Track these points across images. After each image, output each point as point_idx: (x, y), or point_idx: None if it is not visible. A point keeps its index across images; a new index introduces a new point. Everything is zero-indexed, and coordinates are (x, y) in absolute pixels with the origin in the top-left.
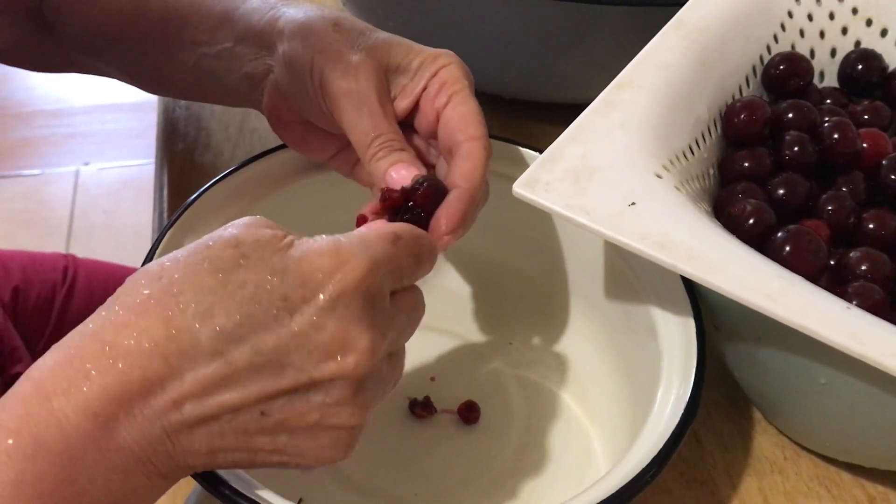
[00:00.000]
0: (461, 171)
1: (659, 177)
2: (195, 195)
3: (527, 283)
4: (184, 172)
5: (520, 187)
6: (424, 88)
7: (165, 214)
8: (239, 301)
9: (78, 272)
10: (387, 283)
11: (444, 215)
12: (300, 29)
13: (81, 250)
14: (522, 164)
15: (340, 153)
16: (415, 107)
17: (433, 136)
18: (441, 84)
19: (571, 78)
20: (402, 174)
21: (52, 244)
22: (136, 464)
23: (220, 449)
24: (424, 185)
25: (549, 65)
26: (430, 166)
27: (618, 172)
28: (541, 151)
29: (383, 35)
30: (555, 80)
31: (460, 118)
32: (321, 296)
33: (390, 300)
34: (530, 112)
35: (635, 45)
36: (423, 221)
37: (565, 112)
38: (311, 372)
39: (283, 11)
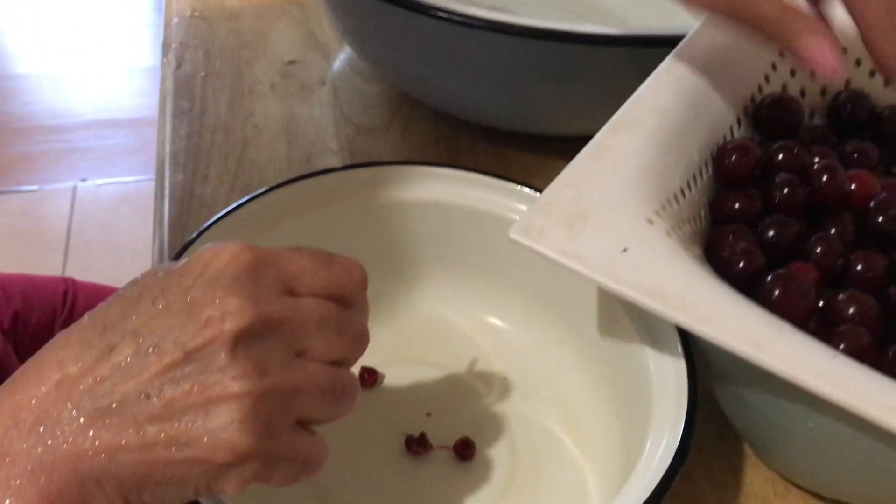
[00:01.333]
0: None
1: (651, 222)
2: (194, 234)
3: (522, 314)
4: (183, 204)
5: (515, 233)
6: None
7: (166, 246)
8: (126, 300)
9: (77, 296)
10: (275, 270)
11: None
12: None
13: (79, 266)
14: (516, 201)
15: None
16: None
17: None
18: None
19: (567, 112)
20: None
21: (49, 260)
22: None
23: (117, 448)
24: None
25: (543, 100)
26: None
27: (611, 218)
28: (535, 188)
29: None
30: (550, 114)
31: None
32: (198, 279)
33: (293, 297)
34: (527, 143)
35: (628, 80)
36: None
37: (563, 143)
38: (186, 343)
39: None
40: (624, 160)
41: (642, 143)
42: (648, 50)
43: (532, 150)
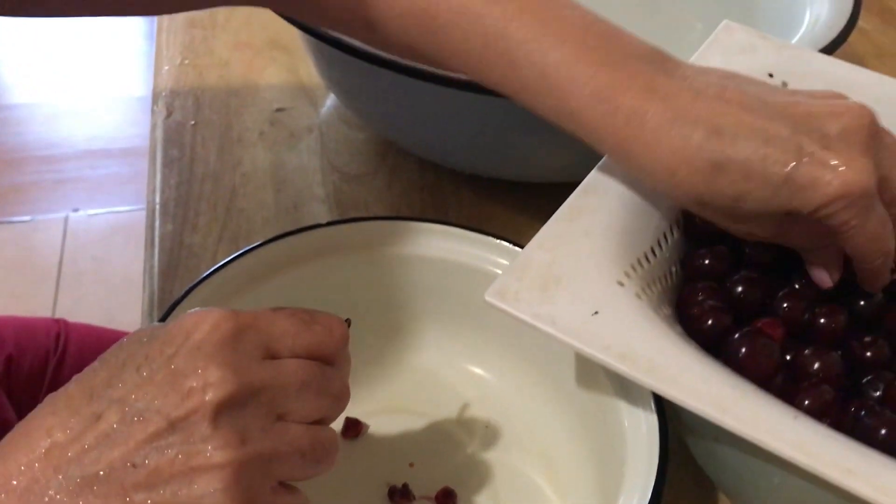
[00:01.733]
0: None
1: (621, 284)
2: (182, 293)
3: (506, 367)
4: (173, 253)
5: (491, 296)
6: None
7: (156, 297)
8: (111, 367)
9: (69, 338)
10: (256, 335)
11: None
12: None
13: (70, 297)
14: (497, 254)
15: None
16: None
17: None
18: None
19: (545, 162)
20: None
21: (41, 291)
22: None
23: None
24: None
25: (522, 151)
26: None
27: (583, 281)
28: (514, 242)
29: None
30: (530, 163)
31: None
32: (180, 348)
33: (274, 360)
34: (510, 190)
35: None
36: None
37: (545, 189)
38: (170, 413)
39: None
40: (595, 222)
41: (613, 205)
42: None
43: (514, 196)
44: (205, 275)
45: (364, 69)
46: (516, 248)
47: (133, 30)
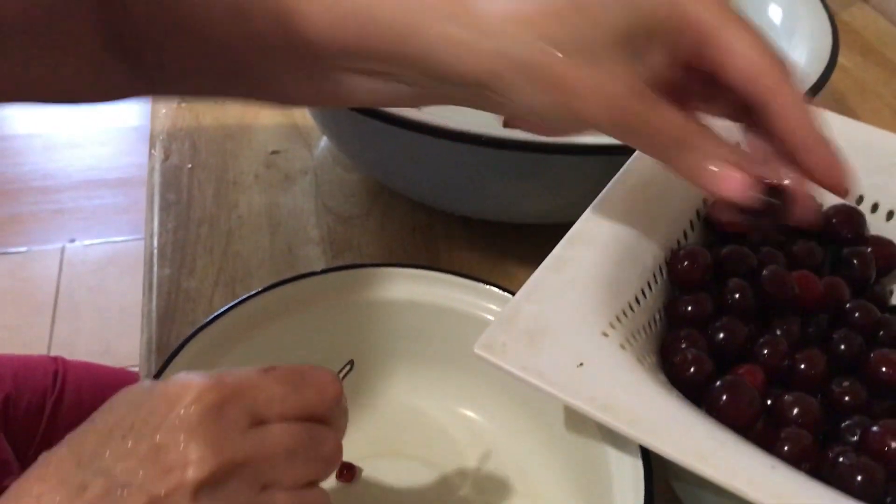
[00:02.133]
0: (796, 143)
1: (606, 335)
2: (179, 344)
3: (495, 409)
4: (171, 297)
5: (480, 349)
6: (683, 46)
7: (154, 341)
8: (100, 433)
9: (67, 377)
10: (241, 404)
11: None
12: (515, 68)
13: (66, 329)
14: (486, 300)
15: None
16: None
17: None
18: (705, 32)
19: (535, 206)
20: (738, 178)
21: (37, 322)
22: None
23: None
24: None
25: (511, 196)
26: None
27: (568, 332)
28: (503, 288)
29: (605, 17)
30: (520, 207)
31: (745, 65)
32: (163, 420)
33: (260, 428)
34: (501, 231)
35: (591, 179)
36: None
37: (536, 231)
38: (151, 489)
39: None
40: (581, 273)
41: (599, 255)
42: (603, 157)
43: (505, 237)
44: (201, 325)
45: (353, 117)
46: (505, 294)
47: None
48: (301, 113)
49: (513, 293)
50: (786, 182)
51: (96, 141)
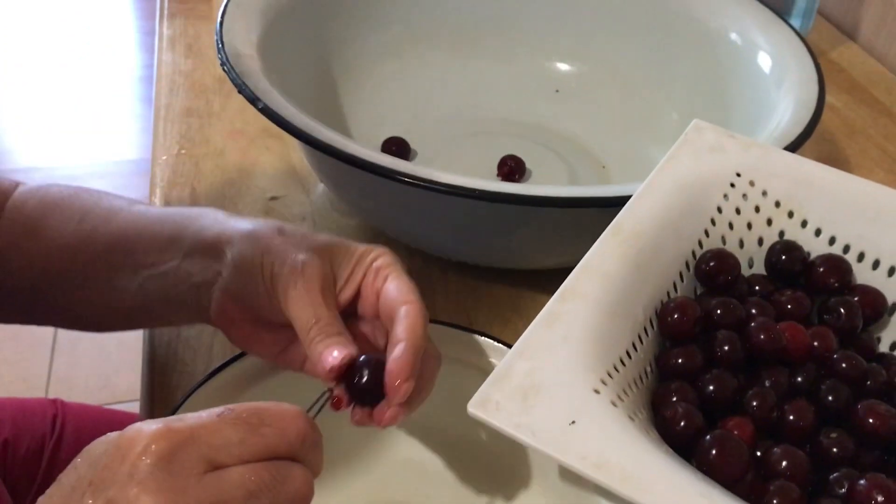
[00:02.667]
0: (402, 328)
1: (597, 392)
2: (180, 401)
3: (492, 457)
4: (171, 347)
5: (474, 407)
6: (363, 277)
7: (155, 391)
8: (64, 492)
9: (66, 421)
10: (195, 450)
11: (394, 366)
12: (248, 235)
13: (65, 363)
14: (479, 349)
15: (289, 347)
16: (357, 295)
17: (377, 316)
18: (377, 270)
19: (529, 253)
20: (334, 356)
21: (36, 357)
22: None
23: None
24: (362, 358)
25: (503, 243)
26: (378, 349)
27: (560, 390)
28: (495, 338)
29: (324, 237)
30: (513, 254)
31: (396, 290)
32: (116, 473)
33: (217, 472)
34: (495, 275)
35: (580, 227)
36: (373, 391)
37: (530, 275)
38: None
39: (231, 224)
40: (573, 329)
41: (590, 311)
42: (592, 210)
43: (500, 281)
44: (199, 381)
45: (349, 169)
46: (497, 345)
47: (128, 93)
48: (298, 158)
49: (508, 345)
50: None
51: (95, 174)
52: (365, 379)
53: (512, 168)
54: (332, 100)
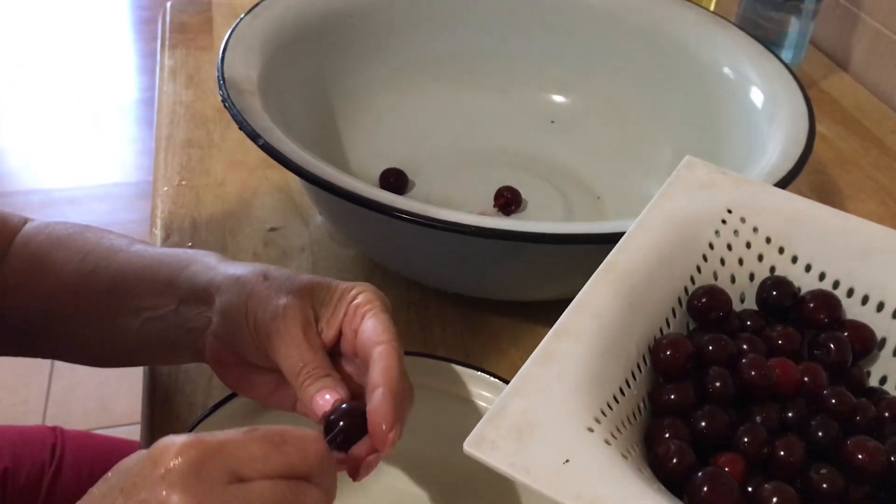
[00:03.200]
0: (378, 372)
1: (591, 430)
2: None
3: (484, 486)
4: (171, 378)
5: (470, 446)
6: (344, 315)
7: (156, 423)
8: (96, 501)
9: (66, 449)
10: (222, 461)
11: (377, 416)
12: (235, 282)
13: (63, 386)
14: (475, 385)
15: (279, 389)
16: (339, 333)
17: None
18: (356, 308)
19: (525, 285)
20: (326, 399)
21: (34, 380)
22: None
23: None
24: (343, 406)
25: (498, 276)
26: (361, 387)
27: (554, 428)
28: (490, 373)
29: (307, 277)
30: (508, 286)
31: (372, 329)
32: (147, 480)
33: (241, 484)
34: (492, 307)
35: (573, 260)
36: (356, 436)
37: (527, 306)
38: None
39: (221, 270)
40: (567, 367)
41: (584, 349)
42: (584, 246)
43: (497, 313)
44: (200, 416)
45: (346, 203)
46: (493, 379)
47: (128, 116)
48: (297, 188)
49: (504, 379)
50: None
51: (94, 196)
52: (341, 431)
53: (508, 199)
54: (332, 131)
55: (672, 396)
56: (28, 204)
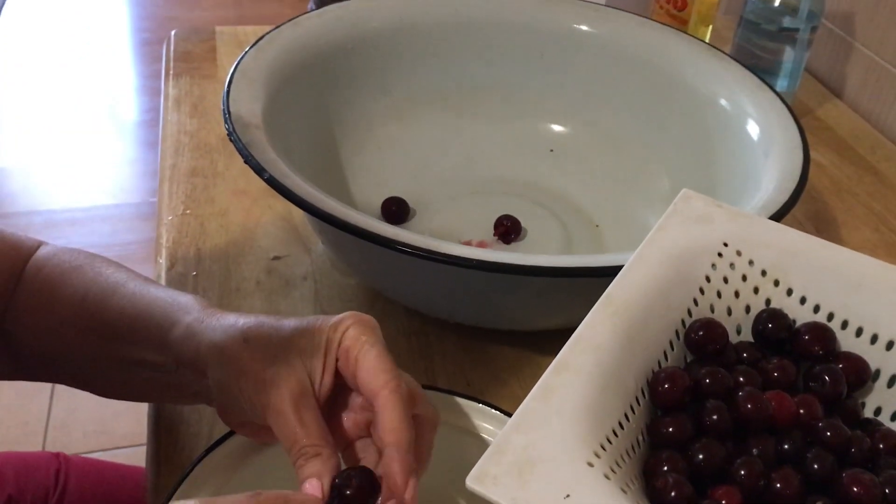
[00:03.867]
0: (383, 426)
1: (591, 465)
2: (186, 471)
3: None
4: (175, 410)
5: (472, 482)
6: (337, 360)
7: (161, 456)
8: None
9: (69, 475)
10: None
11: (389, 478)
12: (219, 355)
13: (64, 407)
14: (477, 417)
15: None
16: (338, 375)
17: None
18: (346, 350)
19: (523, 315)
20: (313, 485)
21: (34, 403)
22: None
23: None
24: (347, 472)
25: (498, 307)
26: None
27: (555, 464)
28: (492, 405)
29: (288, 327)
30: (508, 317)
31: (367, 374)
32: None
33: None
34: (492, 337)
35: (572, 291)
36: (363, 499)
37: (526, 336)
38: None
39: (204, 339)
40: (567, 402)
41: (584, 383)
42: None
43: (497, 342)
44: (206, 449)
45: (349, 237)
46: (495, 412)
47: (129, 137)
48: (300, 217)
49: (505, 412)
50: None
51: (96, 218)
52: (347, 500)
53: (508, 227)
54: (334, 161)
55: (670, 429)
56: (31, 225)
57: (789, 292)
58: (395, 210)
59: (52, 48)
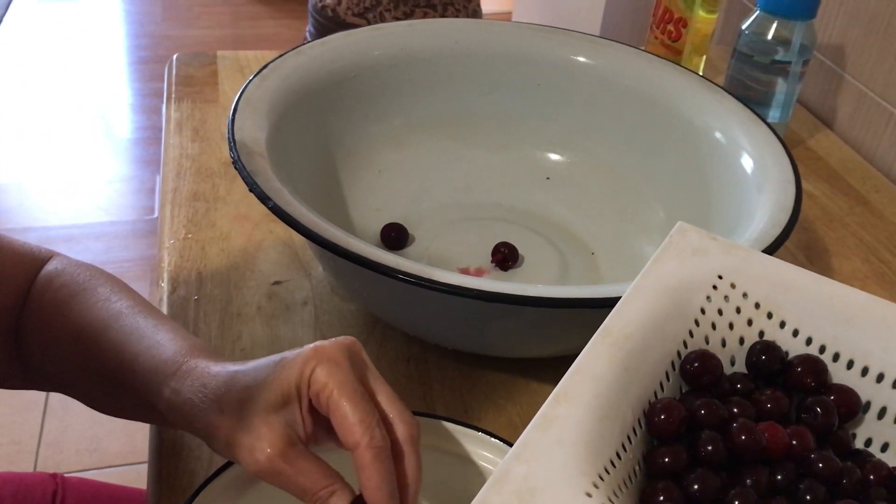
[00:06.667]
0: (363, 484)
1: (589, 495)
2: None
3: None
4: (177, 433)
5: None
6: (311, 407)
7: (163, 477)
8: None
9: (66, 496)
10: None
11: None
12: (202, 431)
13: (57, 426)
14: (478, 445)
15: None
16: (317, 421)
17: None
18: (316, 395)
19: (521, 343)
20: None
21: (27, 420)
22: None
23: None
24: None
25: (495, 335)
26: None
27: (555, 494)
28: (492, 434)
29: (256, 386)
30: (506, 344)
31: (340, 428)
32: None
33: None
34: (490, 363)
35: (570, 321)
36: None
37: (524, 362)
38: None
39: (182, 413)
40: (566, 432)
41: (582, 414)
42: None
43: (495, 368)
44: (208, 478)
45: (350, 265)
46: (494, 440)
47: (124, 156)
48: (301, 243)
49: (503, 440)
50: None
51: (91, 235)
52: None
53: (505, 255)
54: (335, 187)
55: (666, 459)
56: (25, 241)
57: (782, 325)
58: (395, 236)
59: (47, 65)
